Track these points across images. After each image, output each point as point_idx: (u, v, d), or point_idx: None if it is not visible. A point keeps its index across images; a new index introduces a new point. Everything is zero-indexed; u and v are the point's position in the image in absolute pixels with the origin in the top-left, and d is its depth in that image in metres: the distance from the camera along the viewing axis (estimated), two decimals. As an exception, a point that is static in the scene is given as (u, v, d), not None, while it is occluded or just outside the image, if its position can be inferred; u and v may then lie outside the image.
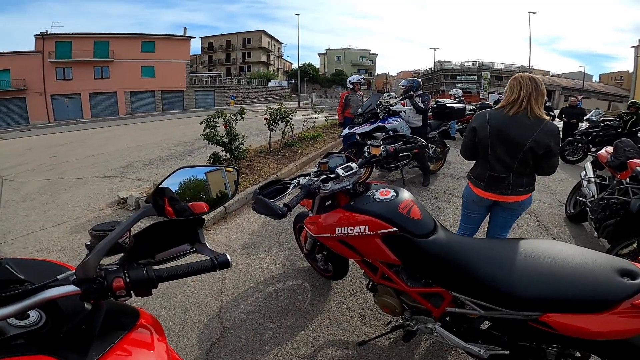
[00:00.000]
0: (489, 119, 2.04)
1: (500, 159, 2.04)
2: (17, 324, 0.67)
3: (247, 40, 49.99)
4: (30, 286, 0.66)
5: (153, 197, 0.79)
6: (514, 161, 2.01)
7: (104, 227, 0.75)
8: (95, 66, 30.70)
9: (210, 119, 4.89)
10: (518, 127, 1.96)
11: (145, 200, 3.77)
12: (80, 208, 4.30)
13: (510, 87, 2.00)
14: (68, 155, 8.28)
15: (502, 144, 2.00)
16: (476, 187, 2.21)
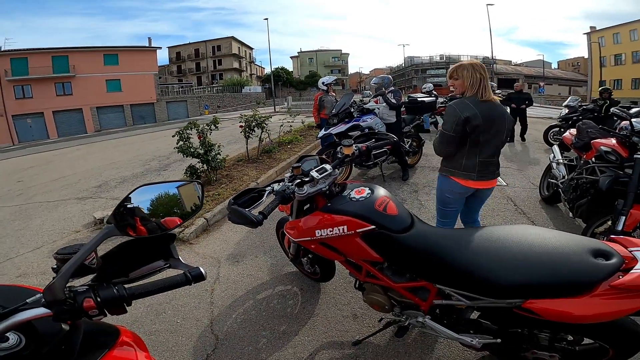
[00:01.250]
0: (474, 106, 2.04)
1: (491, 143, 2.12)
2: None
3: (217, 48, 49.27)
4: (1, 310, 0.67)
5: (114, 217, 0.79)
6: (502, 144, 2.19)
7: (68, 250, 0.77)
8: (56, 82, 29.26)
9: (183, 130, 4.80)
10: (496, 110, 2.08)
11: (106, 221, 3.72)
12: (55, 232, 4.14)
13: (469, 75, 2.06)
14: (36, 178, 7.90)
15: (492, 127, 2.07)
16: (465, 179, 2.19)
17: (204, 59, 49.49)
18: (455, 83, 2.12)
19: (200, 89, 42.16)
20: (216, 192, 4.54)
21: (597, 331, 1.30)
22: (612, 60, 33.97)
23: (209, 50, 49.38)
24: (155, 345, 2.10)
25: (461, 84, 2.09)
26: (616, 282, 1.10)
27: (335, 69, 57.44)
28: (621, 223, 2.38)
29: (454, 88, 2.15)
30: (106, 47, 31.67)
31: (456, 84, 2.12)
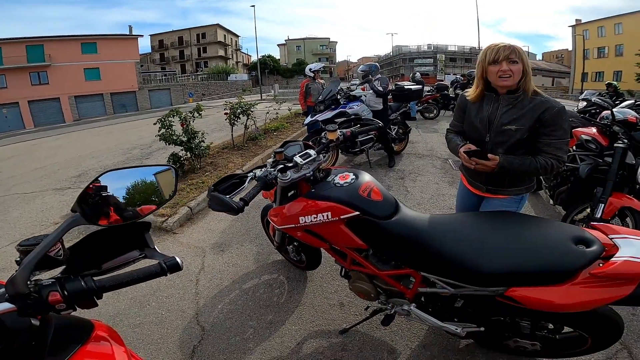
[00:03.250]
0: None
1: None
2: None
3: (202, 35, 48.09)
4: None
5: (79, 205, 0.74)
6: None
7: (31, 241, 0.73)
8: (31, 72, 28.14)
9: (165, 118, 4.68)
10: None
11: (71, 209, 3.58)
12: (34, 224, 4.00)
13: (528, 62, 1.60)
14: (13, 169, 7.60)
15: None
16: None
17: (188, 46, 48.31)
18: (513, 68, 1.52)
19: (184, 77, 41.15)
20: (200, 180, 4.45)
21: (577, 320, 1.31)
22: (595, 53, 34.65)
23: (193, 37, 48.18)
24: (140, 337, 2.06)
25: (519, 70, 1.54)
26: (596, 270, 1.09)
27: (323, 57, 56.89)
28: (600, 210, 2.43)
29: (507, 76, 1.54)
30: (84, 36, 30.59)
31: (514, 70, 1.52)
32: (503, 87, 1.59)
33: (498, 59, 1.53)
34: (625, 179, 2.50)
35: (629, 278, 1.07)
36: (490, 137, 1.67)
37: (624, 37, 31.24)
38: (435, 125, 9.03)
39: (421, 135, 7.33)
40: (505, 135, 1.62)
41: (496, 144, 1.65)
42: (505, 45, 1.53)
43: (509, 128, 1.60)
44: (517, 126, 1.58)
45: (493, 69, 1.56)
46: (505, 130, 1.61)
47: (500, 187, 1.77)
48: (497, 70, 1.54)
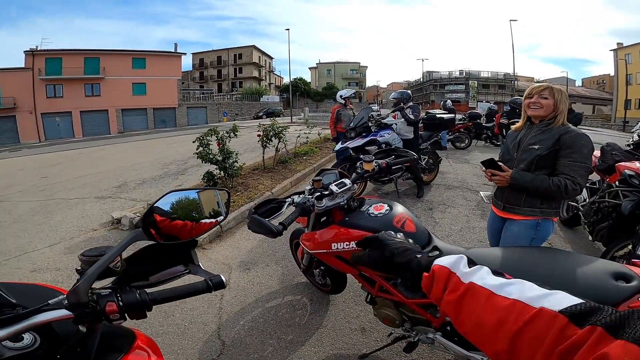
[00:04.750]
0: None
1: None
2: (11, 346, 0.68)
3: (238, 56, 50.36)
4: (22, 310, 0.67)
5: (143, 222, 0.79)
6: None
7: (94, 252, 0.76)
8: (86, 83, 30.32)
9: (203, 137, 4.90)
10: None
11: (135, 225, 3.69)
12: (74, 229, 4.27)
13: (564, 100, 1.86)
14: (60, 175, 8.20)
15: None
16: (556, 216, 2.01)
17: (225, 66, 50.62)
18: (543, 102, 1.82)
19: (220, 96, 43.03)
20: (232, 200, 4.60)
21: None
22: (638, 78, 32.92)
23: (230, 57, 50.49)
24: (161, 347, 2.09)
25: (549, 105, 1.82)
26: (635, 304, 1.07)
27: (353, 81, 57.80)
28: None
29: (536, 107, 1.85)
30: (135, 51, 32.71)
31: (544, 104, 1.82)
32: (532, 115, 1.90)
33: (532, 94, 1.88)
34: None
35: None
36: (516, 156, 1.94)
37: (669, 61, 29.65)
38: (467, 155, 8.72)
39: (452, 165, 7.21)
40: (528, 152, 1.87)
41: (519, 160, 1.91)
42: (542, 84, 1.89)
43: (532, 147, 1.86)
44: (540, 145, 1.84)
45: (527, 102, 1.91)
46: (529, 149, 1.87)
47: (517, 205, 1.94)
48: (529, 102, 1.88)
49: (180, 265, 0.90)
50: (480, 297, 0.55)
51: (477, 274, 0.60)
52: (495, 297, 0.53)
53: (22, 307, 0.69)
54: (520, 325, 0.47)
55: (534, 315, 0.47)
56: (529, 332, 0.46)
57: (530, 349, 0.45)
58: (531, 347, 0.45)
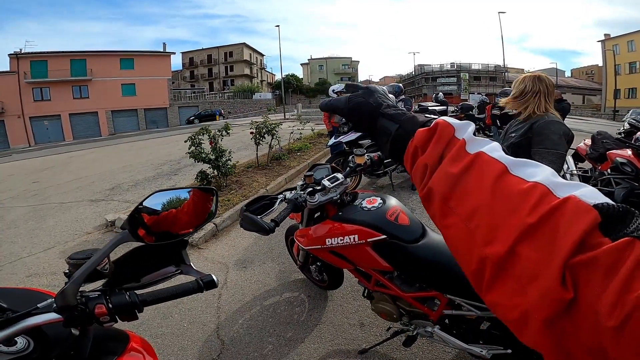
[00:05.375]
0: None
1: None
2: (5, 351, 0.68)
3: (229, 54, 49.96)
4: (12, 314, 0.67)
5: (129, 223, 0.78)
6: None
7: (81, 255, 0.75)
8: (74, 85, 29.99)
9: (195, 136, 4.86)
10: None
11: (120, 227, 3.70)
12: (68, 233, 4.22)
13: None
14: (51, 180, 8.09)
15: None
16: None
17: (216, 64, 50.23)
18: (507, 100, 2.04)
19: (211, 94, 42.74)
20: (226, 198, 4.58)
21: None
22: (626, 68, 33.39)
23: (221, 56, 50.11)
24: (161, 348, 2.12)
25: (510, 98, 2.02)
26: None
27: (345, 76, 57.65)
28: None
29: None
30: (123, 52, 32.40)
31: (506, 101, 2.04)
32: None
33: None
34: None
35: None
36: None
37: (657, 50, 30.14)
38: (460, 146, 8.81)
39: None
40: (507, 141, 1.97)
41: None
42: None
43: (510, 135, 1.97)
44: (516, 133, 1.94)
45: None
46: (508, 137, 1.98)
47: None
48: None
49: (171, 265, 0.89)
50: (490, 173, 0.38)
51: (488, 145, 0.43)
52: (510, 177, 0.37)
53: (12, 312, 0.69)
54: (537, 217, 0.31)
55: (559, 205, 0.31)
56: (545, 231, 0.31)
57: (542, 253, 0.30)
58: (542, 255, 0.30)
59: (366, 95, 0.60)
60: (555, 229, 0.31)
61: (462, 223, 0.38)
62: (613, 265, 0.27)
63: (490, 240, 0.34)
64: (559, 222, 0.31)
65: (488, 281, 0.34)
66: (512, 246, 0.32)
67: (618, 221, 0.30)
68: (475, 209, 0.37)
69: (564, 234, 0.30)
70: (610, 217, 0.30)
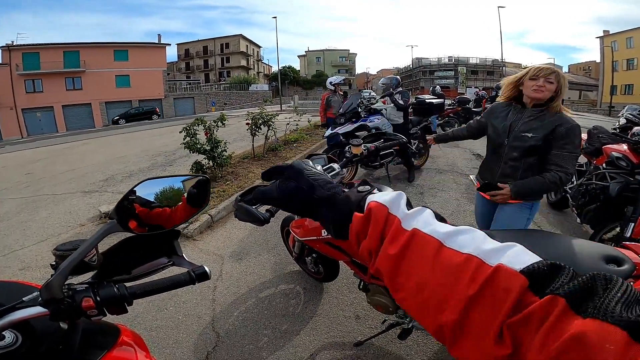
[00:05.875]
0: None
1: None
2: None
3: (225, 45, 49.48)
4: None
5: (117, 212, 0.75)
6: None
7: (68, 246, 0.73)
8: (67, 77, 29.65)
9: (190, 127, 4.82)
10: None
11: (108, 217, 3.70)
12: (61, 225, 4.17)
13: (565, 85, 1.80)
14: (44, 171, 7.98)
15: None
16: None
17: (212, 56, 49.77)
18: (548, 87, 1.73)
19: (207, 86, 42.39)
20: (221, 189, 4.54)
21: None
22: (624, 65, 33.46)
23: (217, 47, 49.64)
24: (156, 341, 2.11)
25: (552, 90, 1.74)
26: None
27: (343, 68, 57.35)
28: (630, 230, 2.35)
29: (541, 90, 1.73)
30: (116, 43, 32.02)
31: (548, 88, 1.73)
32: (533, 98, 1.78)
33: (538, 75, 1.73)
34: None
35: None
36: (508, 142, 1.88)
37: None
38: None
39: (442, 150, 7.23)
40: (521, 140, 1.82)
41: (512, 147, 1.86)
42: (550, 67, 1.74)
43: (525, 135, 1.80)
44: (533, 134, 1.78)
45: (530, 83, 1.76)
46: (522, 136, 1.81)
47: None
48: (534, 84, 1.74)
49: (163, 257, 0.86)
50: (428, 250, 0.42)
51: (421, 218, 0.47)
52: (445, 251, 0.41)
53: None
54: (476, 288, 0.36)
55: (491, 275, 0.36)
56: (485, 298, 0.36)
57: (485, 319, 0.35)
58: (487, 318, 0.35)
59: (295, 176, 0.61)
60: (493, 295, 0.36)
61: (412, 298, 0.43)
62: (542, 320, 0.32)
63: (441, 310, 0.39)
64: (494, 290, 0.36)
65: (450, 342, 0.39)
66: (462, 313, 0.37)
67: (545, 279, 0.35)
68: (422, 284, 0.41)
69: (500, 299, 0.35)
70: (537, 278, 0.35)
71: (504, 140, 1.89)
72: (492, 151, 2.01)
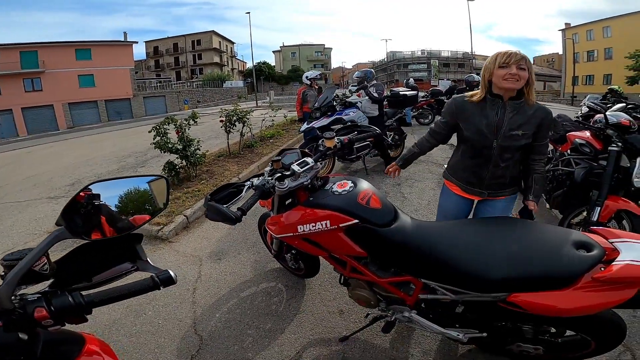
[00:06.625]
0: None
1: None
2: None
3: (197, 42, 48.15)
4: None
5: (63, 219, 0.71)
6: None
7: (15, 255, 0.70)
8: (25, 78, 27.94)
9: (160, 126, 4.65)
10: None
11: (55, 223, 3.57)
12: (27, 233, 3.95)
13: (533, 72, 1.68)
14: (6, 178, 7.51)
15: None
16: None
17: (183, 53, 48.34)
18: (521, 74, 1.57)
19: (179, 83, 41.14)
20: (196, 189, 4.42)
21: (579, 324, 1.31)
22: (585, 57, 35.12)
23: (188, 44, 48.27)
24: (136, 347, 2.03)
25: (525, 77, 1.59)
26: (598, 274, 1.10)
27: (318, 63, 57.10)
28: (596, 214, 2.44)
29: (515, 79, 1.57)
30: (78, 42, 30.43)
31: (521, 76, 1.57)
32: (507, 89, 1.62)
33: (509, 62, 1.56)
34: (621, 182, 2.52)
35: (631, 281, 1.08)
36: (497, 142, 1.70)
37: (613, 40, 31.78)
38: (431, 130, 9.00)
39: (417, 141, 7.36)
40: (513, 139, 1.67)
41: (503, 148, 1.70)
42: (517, 52, 1.58)
43: (516, 133, 1.66)
44: (523, 131, 1.66)
45: (501, 72, 1.59)
46: (513, 135, 1.67)
47: (502, 189, 1.87)
48: (505, 73, 1.57)
49: (127, 262, 0.83)
50: None
51: None
52: None
53: None
54: None
55: None
56: None
57: None
58: None
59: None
60: None
61: None
62: None
63: None
64: None
65: None
66: None
67: None
68: None
69: None
70: None
71: (491, 141, 1.70)
72: (476, 153, 1.79)
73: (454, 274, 1.32)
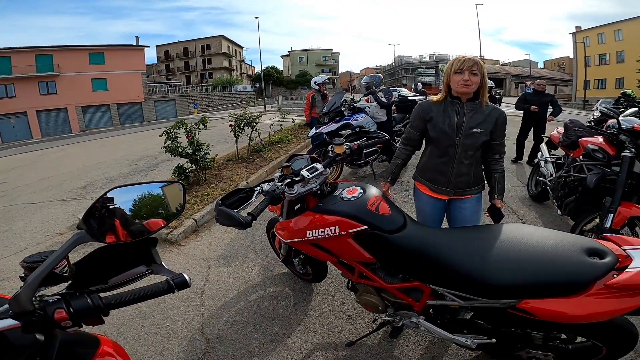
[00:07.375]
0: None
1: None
2: None
3: (207, 47, 48.71)
4: None
5: (84, 223, 0.73)
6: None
7: (36, 257, 0.71)
8: (40, 81, 28.47)
9: (171, 130, 4.72)
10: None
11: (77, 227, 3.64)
12: (39, 234, 4.03)
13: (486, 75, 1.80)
14: (20, 179, 7.69)
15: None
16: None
17: (193, 57, 48.91)
18: (473, 79, 1.71)
19: (189, 88, 41.56)
20: (205, 193, 4.46)
21: (591, 330, 1.29)
22: (596, 60, 34.61)
23: (198, 49, 48.82)
24: (144, 349, 2.05)
25: (477, 82, 1.73)
26: (611, 281, 1.09)
27: (326, 68, 57.37)
28: (609, 220, 2.40)
29: (468, 85, 1.72)
30: (91, 46, 30.99)
31: (473, 81, 1.71)
32: (462, 93, 1.78)
33: (462, 68, 1.71)
34: (634, 188, 2.48)
35: None
36: (460, 140, 1.83)
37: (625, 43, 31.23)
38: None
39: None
40: (473, 137, 1.81)
41: (465, 146, 1.83)
42: (469, 58, 1.73)
43: (475, 131, 1.80)
44: (482, 129, 1.80)
45: (457, 78, 1.74)
46: (473, 133, 1.80)
47: (467, 188, 1.95)
48: (460, 79, 1.72)
49: (142, 265, 0.85)
50: None
51: None
52: None
53: None
54: None
55: None
56: None
57: None
58: None
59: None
60: None
61: None
62: None
63: None
64: None
65: None
66: None
67: None
68: None
69: None
70: None
71: (454, 139, 1.82)
72: (442, 152, 1.89)
73: (464, 280, 1.31)
